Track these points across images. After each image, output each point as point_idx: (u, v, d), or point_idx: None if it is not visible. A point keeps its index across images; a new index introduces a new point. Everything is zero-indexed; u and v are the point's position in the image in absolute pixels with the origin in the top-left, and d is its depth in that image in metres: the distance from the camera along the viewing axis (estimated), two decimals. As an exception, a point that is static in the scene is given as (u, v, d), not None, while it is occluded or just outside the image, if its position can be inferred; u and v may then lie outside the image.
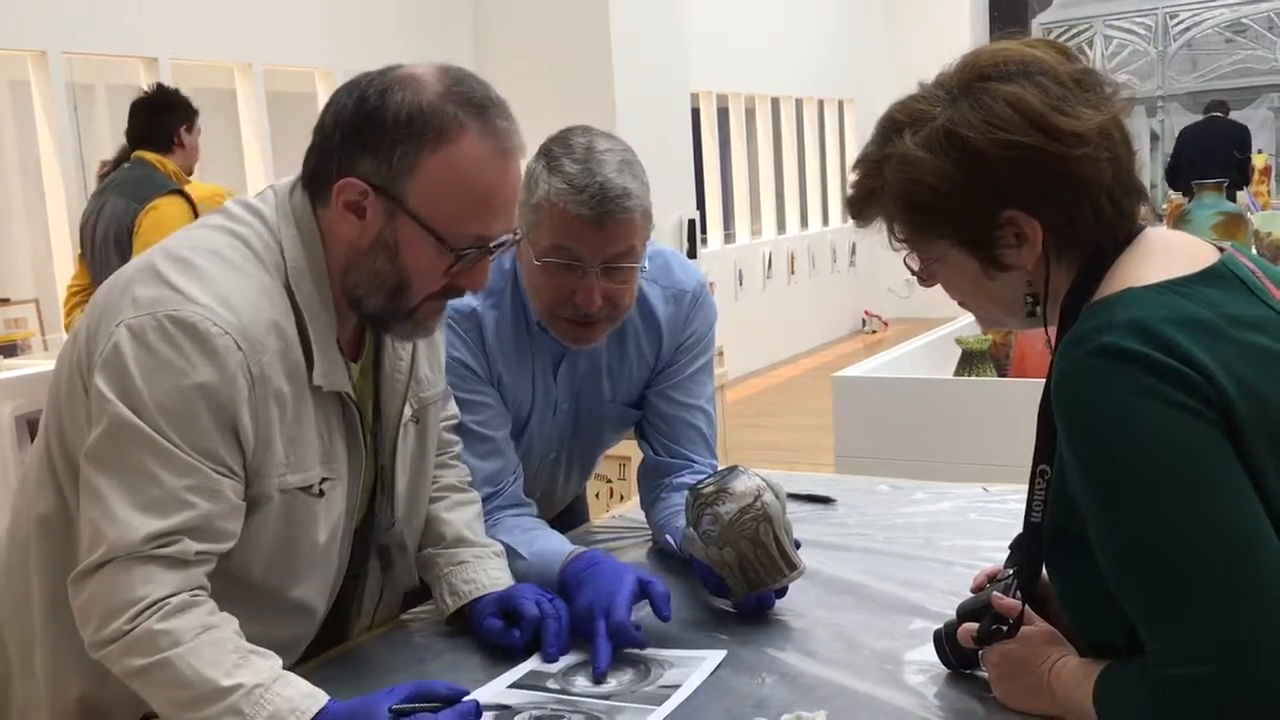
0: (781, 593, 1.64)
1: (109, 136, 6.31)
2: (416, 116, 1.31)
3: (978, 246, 1.22)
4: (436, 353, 1.62)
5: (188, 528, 1.25)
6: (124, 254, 3.87)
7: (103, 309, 1.33)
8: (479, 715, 1.27)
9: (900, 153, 1.22)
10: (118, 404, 1.25)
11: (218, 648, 1.24)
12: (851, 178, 1.29)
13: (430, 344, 1.58)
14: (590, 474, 2.17)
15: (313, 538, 1.41)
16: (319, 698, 1.24)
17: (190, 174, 4.16)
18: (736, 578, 1.60)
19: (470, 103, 1.33)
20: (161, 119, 4.04)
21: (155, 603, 1.23)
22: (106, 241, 3.93)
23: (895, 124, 1.24)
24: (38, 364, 4.79)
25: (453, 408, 1.74)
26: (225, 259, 1.32)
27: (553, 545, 1.75)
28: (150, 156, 4.02)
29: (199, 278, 1.29)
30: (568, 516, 2.17)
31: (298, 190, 1.40)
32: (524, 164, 1.43)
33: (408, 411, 1.54)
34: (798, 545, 1.63)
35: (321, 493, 1.40)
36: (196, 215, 3.93)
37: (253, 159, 5.96)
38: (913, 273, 1.31)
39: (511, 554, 1.72)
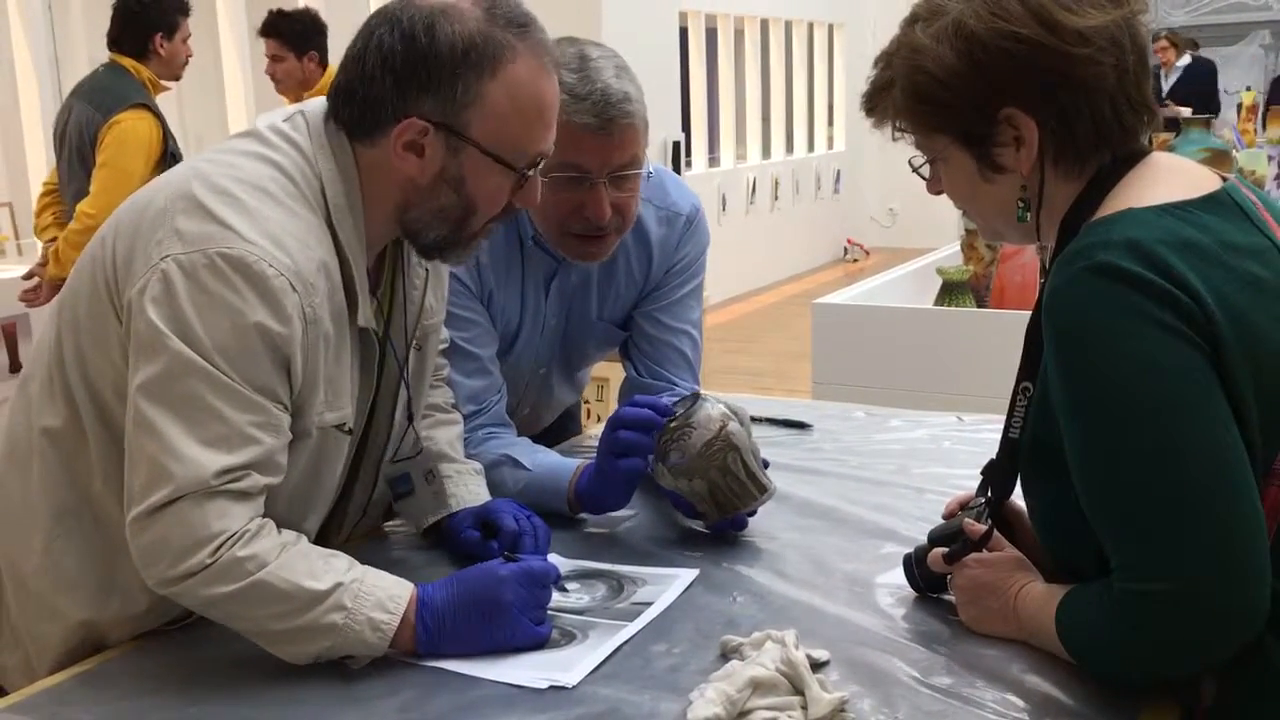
0: (753, 513, 1.66)
1: (84, 37, 6.17)
2: (471, 47, 1.29)
3: (975, 144, 1.23)
4: (441, 282, 1.61)
5: (255, 462, 1.25)
6: (87, 167, 3.79)
7: (133, 234, 1.29)
8: (558, 571, 1.41)
9: (910, 42, 1.23)
10: (176, 340, 1.23)
11: (304, 558, 1.28)
12: (870, 73, 1.29)
13: (436, 271, 1.57)
14: (581, 388, 2.17)
15: (334, 472, 1.43)
16: (405, 585, 1.32)
17: (176, 79, 4.06)
18: (708, 504, 1.61)
19: (513, 23, 1.32)
20: (138, 23, 3.92)
21: (234, 535, 1.24)
22: (72, 151, 3.86)
23: (913, 17, 1.25)
24: (10, 270, 4.75)
25: (446, 333, 1.73)
26: (270, 194, 1.30)
27: (555, 458, 1.77)
28: (126, 62, 3.92)
29: (246, 213, 1.27)
30: (559, 431, 2.18)
31: (331, 123, 1.37)
32: None
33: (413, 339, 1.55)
34: (766, 465, 1.65)
35: (351, 430, 1.41)
36: (165, 132, 3.86)
37: (230, 64, 5.86)
38: (921, 177, 1.31)
39: (510, 464, 1.74)
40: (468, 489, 1.63)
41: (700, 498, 1.61)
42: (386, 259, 1.47)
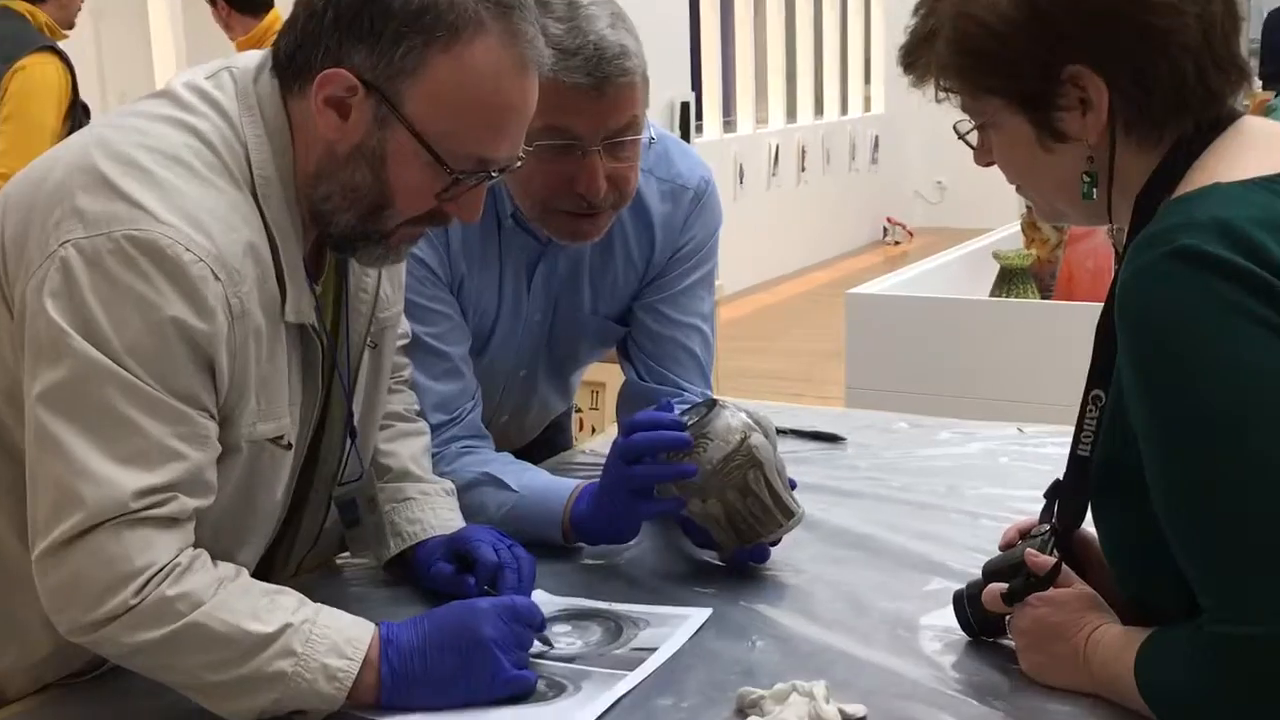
0: (776, 542, 1.66)
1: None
2: (430, 7, 1.28)
3: (1034, 107, 1.22)
4: (399, 268, 1.61)
5: (179, 481, 1.24)
6: None
7: (26, 212, 1.28)
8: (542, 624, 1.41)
9: None
10: (80, 341, 1.21)
11: (245, 595, 1.27)
12: (908, 21, 1.29)
13: None
14: (571, 394, 2.19)
15: (272, 494, 1.42)
16: (365, 625, 1.32)
17: (69, 27, 4.11)
18: (725, 531, 1.61)
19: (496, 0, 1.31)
20: None
21: (161, 569, 1.22)
22: None
23: None
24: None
25: (405, 325, 1.73)
26: (186, 164, 1.29)
27: (546, 478, 1.77)
28: (18, 5, 3.96)
29: (158, 188, 1.25)
30: (546, 446, 2.19)
31: (265, 75, 1.36)
32: None
33: (367, 337, 1.55)
34: (793, 486, 1.65)
35: (290, 444, 1.41)
36: (73, 77, 3.89)
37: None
38: (968, 145, 1.31)
39: (493, 485, 1.74)
40: (437, 514, 1.63)
41: (715, 523, 1.61)
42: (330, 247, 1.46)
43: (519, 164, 1.39)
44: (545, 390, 2.06)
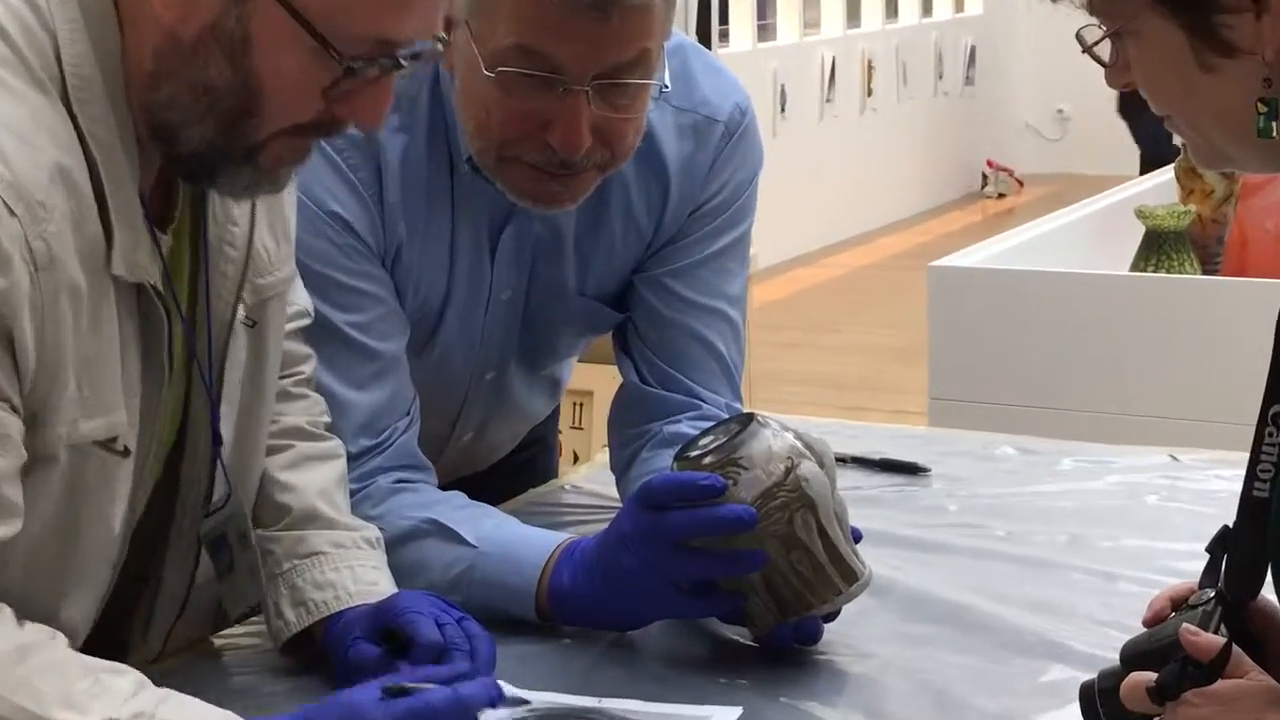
0: (834, 616, 1.65)
1: None
2: None
3: (1190, 10, 1.23)
4: (281, 210, 1.62)
5: None
6: None
7: None
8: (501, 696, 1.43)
9: None
10: None
11: (56, 671, 1.27)
12: None
13: (274, 197, 1.57)
14: (559, 394, 2.21)
15: (106, 522, 1.42)
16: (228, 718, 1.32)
17: None
18: (761, 598, 1.61)
19: None
20: None
21: None
22: None
23: None
24: None
25: (301, 298, 1.73)
26: None
27: (513, 529, 1.77)
28: None
29: None
30: (522, 471, 2.20)
31: None
32: None
33: (240, 309, 1.55)
34: (857, 538, 1.65)
35: (127, 450, 1.40)
36: None
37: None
38: (1097, 60, 1.32)
39: (439, 536, 1.75)
40: (356, 575, 1.63)
41: (749, 587, 1.61)
42: (182, 176, 1.47)
43: (439, 51, 1.41)
44: (523, 394, 2.08)
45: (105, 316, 1.36)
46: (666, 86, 1.79)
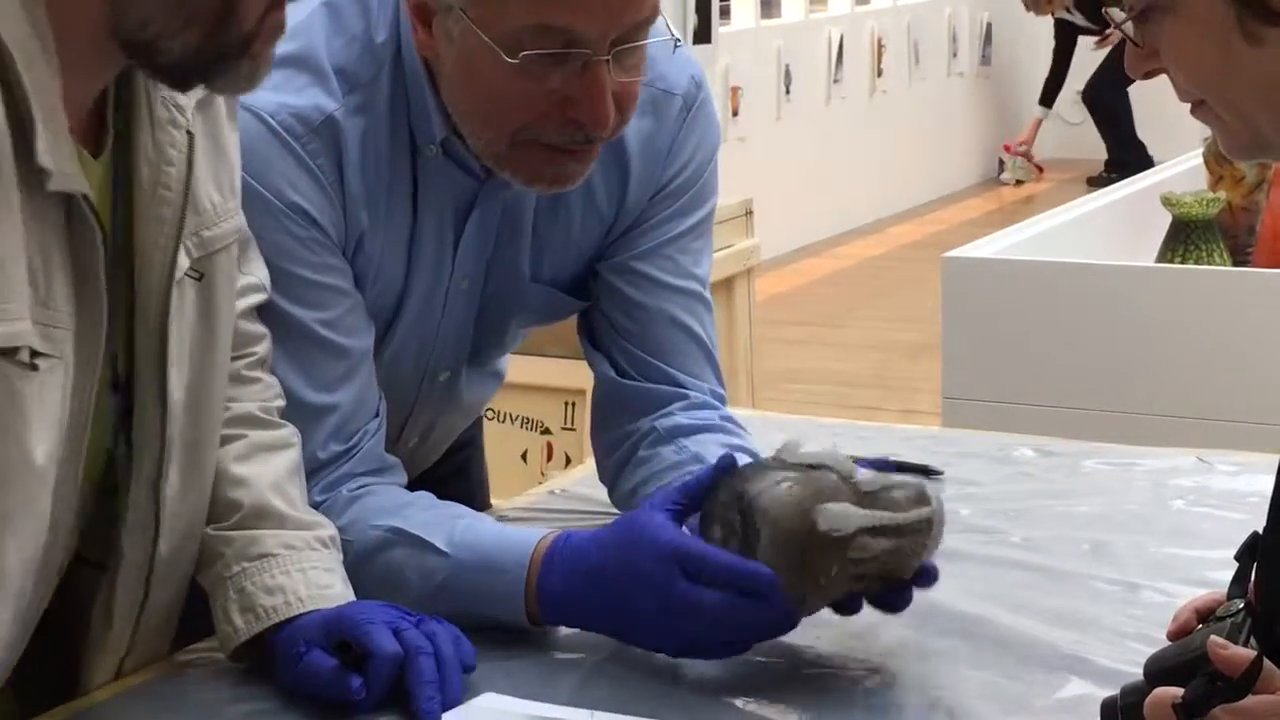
0: (929, 576, 1.63)
1: None
2: None
3: None
4: (225, 156, 1.61)
5: None
6: None
7: None
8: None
9: None
10: None
11: None
12: None
13: (213, 141, 1.57)
14: (493, 391, 2.23)
15: (21, 448, 1.38)
16: None
17: None
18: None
19: None
20: None
21: None
22: None
23: None
24: None
25: (258, 272, 1.73)
26: None
27: (490, 530, 1.77)
28: None
29: None
30: (453, 478, 2.22)
31: None
32: None
33: (183, 259, 1.53)
34: (891, 468, 1.74)
35: (35, 365, 1.37)
36: None
37: None
38: (1130, 41, 1.32)
39: (410, 545, 1.75)
40: (309, 578, 1.63)
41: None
42: (112, 99, 1.47)
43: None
44: (471, 390, 2.10)
45: (9, 208, 1.32)
46: (679, 39, 1.83)
